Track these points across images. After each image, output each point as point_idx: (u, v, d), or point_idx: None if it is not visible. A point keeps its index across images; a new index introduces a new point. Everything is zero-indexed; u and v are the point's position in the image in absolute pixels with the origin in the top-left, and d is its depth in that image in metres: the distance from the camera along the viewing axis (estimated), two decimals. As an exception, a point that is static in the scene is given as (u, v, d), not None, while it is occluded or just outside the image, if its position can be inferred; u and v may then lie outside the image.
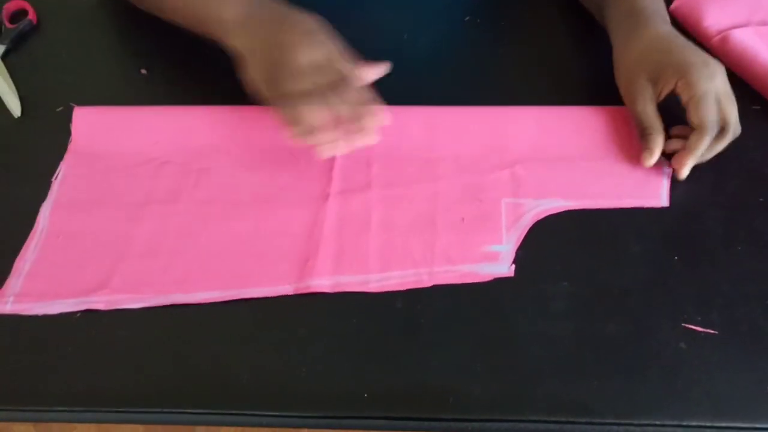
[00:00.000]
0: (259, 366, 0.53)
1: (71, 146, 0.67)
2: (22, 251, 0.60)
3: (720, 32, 0.71)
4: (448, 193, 0.63)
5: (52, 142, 0.68)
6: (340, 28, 0.78)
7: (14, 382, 0.53)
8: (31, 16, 0.79)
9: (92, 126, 0.69)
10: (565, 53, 0.75)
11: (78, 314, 0.56)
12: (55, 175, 0.65)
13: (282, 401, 0.51)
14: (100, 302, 0.57)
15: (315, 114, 0.59)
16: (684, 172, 0.62)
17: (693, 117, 0.61)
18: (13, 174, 0.66)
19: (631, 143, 0.66)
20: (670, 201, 0.61)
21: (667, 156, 0.64)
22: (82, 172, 0.66)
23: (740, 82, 0.69)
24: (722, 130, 0.61)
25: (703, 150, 0.61)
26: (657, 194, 0.62)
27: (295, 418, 0.51)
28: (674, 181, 0.62)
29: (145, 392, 0.52)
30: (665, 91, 0.63)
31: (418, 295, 0.56)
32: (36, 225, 0.62)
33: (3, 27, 0.77)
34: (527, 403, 0.51)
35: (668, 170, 0.63)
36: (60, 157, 0.67)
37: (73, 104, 0.69)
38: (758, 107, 0.68)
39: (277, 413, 0.51)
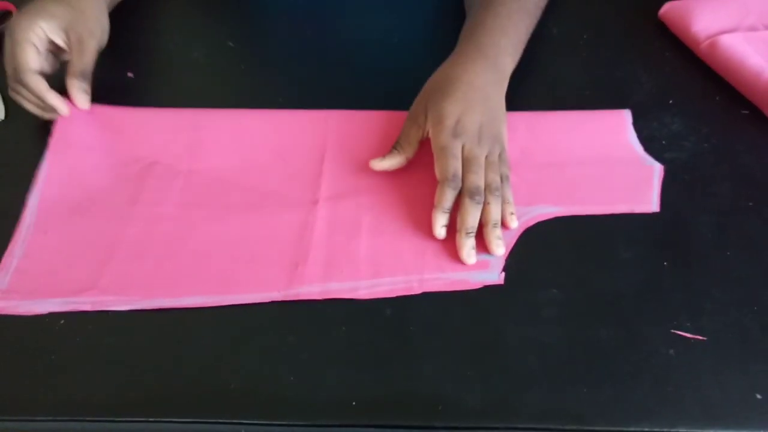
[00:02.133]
0: (247, 374, 0.53)
1: (52, 140, 0.66)
2: (9, 248, 0.60)
3: (709, 37, 0.71)
4: (438, 199, 0.63)
5: (37, 144, 0.67)
6: (329, 31, 0.78)
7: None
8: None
9: (79, 124, 0.68)
10: (555, 59, 0.74)
11: (62, 321, 0.55)
12: (40, 170, 0.64)
13: (270, 409, 0.51)
14: (87, 303, 0.56)
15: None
16: (436, 230, 0.59)
17: (435, 168, 0.61)
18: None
19: (622, 148, 0.66)
20: (660, 206, 0.61)
21: (658, 158, 0.64)
22: (68, 170, 0.65)
23: (729, 87, 0.70)
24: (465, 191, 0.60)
25: (446, 204, 0.59)
26: (647, 199, 0.62)
27: (284, 427, 0.51)
28: (664, 186, 0.62)
29: (132, 401, 0.51)
30: (424, 131, 0.63)
31: (407, 302, 0.56)
32: (22, 222, 0.61)
33: None
34: (517, 410, 0.50)
35: (659, 175, 0.63)
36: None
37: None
38: (747, 112, 0.68)
39: (265, 422, 0.50)
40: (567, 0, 0.80)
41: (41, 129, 0.68)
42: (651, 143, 0.66)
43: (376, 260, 0.59)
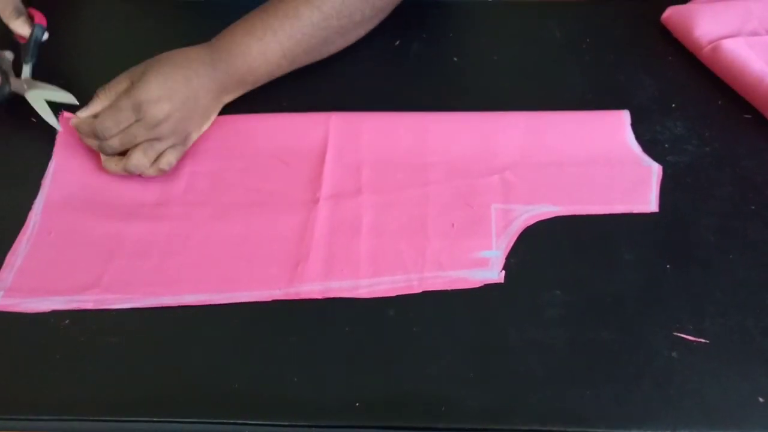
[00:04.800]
0: (249, 374, 0.53)
1: (58, 142, 0.67)
2: (14, 246, 0.60)
3: (711, 42, 0.71)
4: (439, 199, 0.63)
5: (43, 145, 0.67)
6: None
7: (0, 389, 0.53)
8: (39, 19, 0.75)
9: None
10: (558, 62, 0.74)
11: (67, 320, 0.55)
12: (46, 173, 0.65)
13: (273, 410, 0.51)
14: (89, 302, 0.56)
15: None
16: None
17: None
18: (4, 176, 0.66)
19: (620, 148, 0.66)
20: (662, 208, 0.61)
21: (660, 161, 0.64)
22: (74, 171, 0.66)
23: (731, 91, 0.70)
24: None
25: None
26: (646, 199, 0.62)
27: (287, 427, 0.51)
28: (667, 189, 0.62)
29: (135, 401, 0.52)
30: None
31: (409, 302, 0.56)
32: (27, 221, 0.62)
33: (21, 46, 0.71)
34: (519, 412, 0.51)
35: (657, 175, 0.63)
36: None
37: (63, 110, 0.68)
38: (749, 116, 0.68)
39: (267, 422, 0.51)
40: (570, 3, 0.80)
41: (47, 130, 0.68)
42: (653, 147, 0.66)
43: (376, 259, 0.59)
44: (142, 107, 0.61)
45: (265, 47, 0.66)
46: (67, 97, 0.66)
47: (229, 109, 0.69)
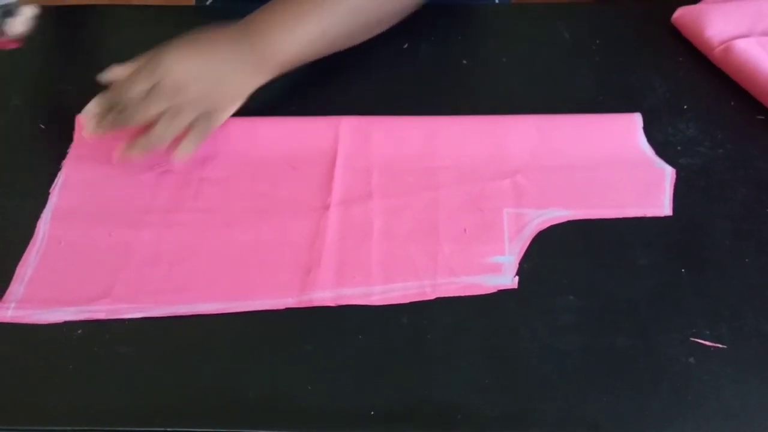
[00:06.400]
0: (263, 383, 0.52)
1: (71, 152, 0.67)
2: (24, 257, 0.60)
3: (722, 42, 0.71)
4: (450, 203, 0.62)
5: (52, 154, 0.67)
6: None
7: (13, 399, 0.52)
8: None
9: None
10: (567, 64, 0.74)
11: (79, 330, 0.55)
12: (55, 182, 0.65)
13: (287, 419, 0.51)
14: (101, 312, 0.56)
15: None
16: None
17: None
18: (13, 184, 0.66)
19: (632, 151, 0.65)
20: (676, 212, 0.61)
21: (672, 164, 0.64)
22: (82, 180, 0.65)
23: (743, 91, 0.69)
24: None
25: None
26: (659, 203, 0.62)
27: (302, 436, 0.50)
28: (680, 192, 0.62)
29: (148, 410, 0.51)
30: None
31: (423, 309, 0.56)
32: (37, 232, 0.61)
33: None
34: (536, 419, 0.50)
35: (671, 178, 0.63)
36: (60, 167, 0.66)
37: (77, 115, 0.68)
38: (762, 117, 0.68)
39: (283, 431, 0.50)
40: (578, 5, 0.80)
41: (55, 139, 0.68)
42: (665, 149, 0.65)
43: (388, 265, 0.58)
44: (159, 70, 0.61)
45: (309, 33, 0.66)
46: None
47: (238, 113, 0.69)
